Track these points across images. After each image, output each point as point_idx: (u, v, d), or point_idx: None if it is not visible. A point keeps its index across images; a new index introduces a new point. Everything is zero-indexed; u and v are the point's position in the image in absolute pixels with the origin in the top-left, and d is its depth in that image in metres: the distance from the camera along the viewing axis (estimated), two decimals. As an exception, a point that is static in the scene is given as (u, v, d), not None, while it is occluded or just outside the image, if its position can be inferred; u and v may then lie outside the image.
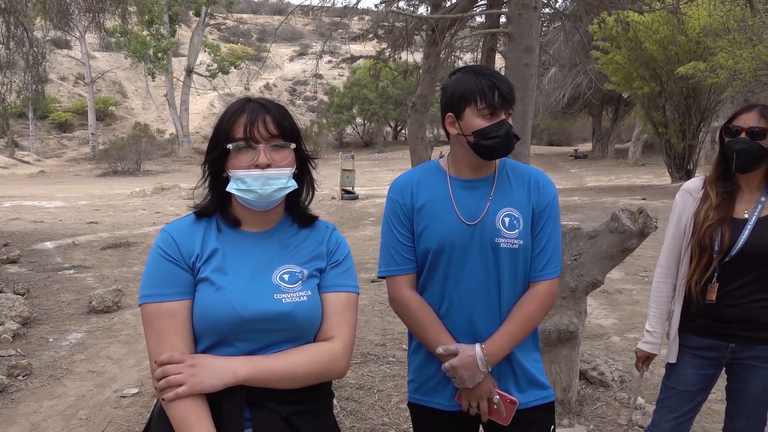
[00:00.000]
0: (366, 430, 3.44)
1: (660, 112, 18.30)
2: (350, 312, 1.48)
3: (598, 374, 4.02)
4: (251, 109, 1.41)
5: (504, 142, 1.67)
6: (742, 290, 2.13)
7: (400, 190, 1.81)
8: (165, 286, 1.38)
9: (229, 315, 1.35)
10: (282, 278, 1.42)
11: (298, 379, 1.37)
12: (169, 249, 1.41)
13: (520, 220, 1.73)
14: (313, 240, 1.52)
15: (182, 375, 1.30)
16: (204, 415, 1.31)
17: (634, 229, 3.14)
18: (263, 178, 1.38)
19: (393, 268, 1.80)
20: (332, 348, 1.41)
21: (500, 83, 1.67)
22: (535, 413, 1.78)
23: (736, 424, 2.26)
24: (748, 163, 2.11)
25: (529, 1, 3.23)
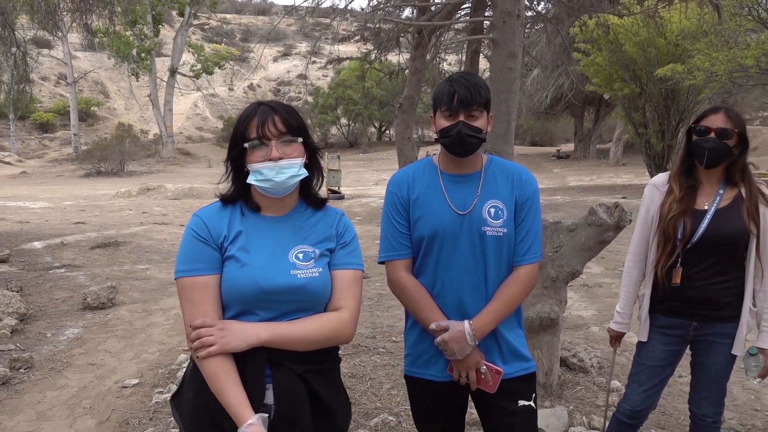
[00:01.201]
0: (360, 413, 3.63)
1: (640, 113, 18.68)
2: (356, 286, 1.70)
3: (578, 361, 4.24)
4: (262, 112, 1.63)
5: (455, 141, 1.88)
6: (702, 274, 2.35)
7: (398, 184, 2.03)
8: (198, 262, 1.60)
9: (252, 287, 1.57)
10: (297, 257, 1.64)
11: (312, 343, 1.59)
12: (201, 230, 1.63)
13: (505, 210, 1.94)
14: (324, 224, 1.73)
15: (213, 337, 1.52)
16: (232, 370, 1.52)
17: (610, 222, 3.37)
18: (277, 168, 1.60)
19: (392, 253, 2.01)
20: (341, 317, 1.64)
21: (460, 89, 1.86)
22: (518, 383, 1.99)
23: (699, 395, 2.49)
24: (717, 160, 2.33)
25: (513, 9, 3.43)
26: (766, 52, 13.79)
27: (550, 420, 3.39)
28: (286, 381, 1.57)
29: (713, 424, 2.48)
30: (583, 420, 3.48)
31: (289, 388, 1.57)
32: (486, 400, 2.02)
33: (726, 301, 2.37)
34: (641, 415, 2.56)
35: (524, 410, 1.99)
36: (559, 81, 26.02)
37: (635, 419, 2.57)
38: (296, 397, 1.57)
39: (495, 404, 2.00)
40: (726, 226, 2.31)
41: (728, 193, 2.38)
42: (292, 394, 1.57)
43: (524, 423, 1.99)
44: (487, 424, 2.07)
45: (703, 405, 2.47)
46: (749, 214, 2.31)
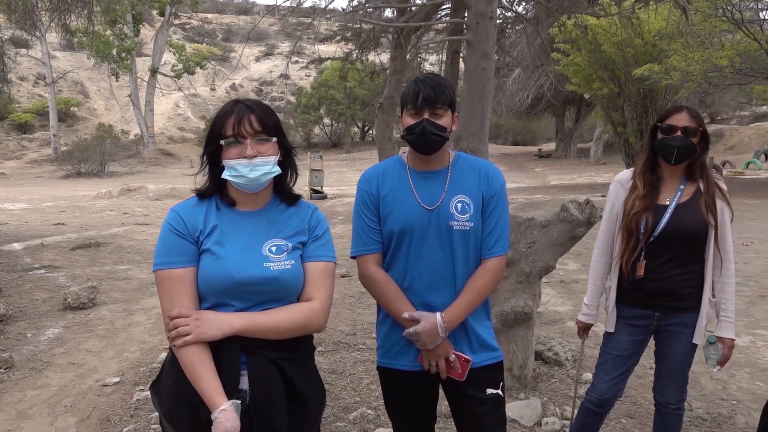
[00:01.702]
0: (339, 408, 3.70)
1: (619, 113, 18.93)
2: (327, 278, 1.78)
3: (553, 354, 4.35)
4: (239, 110, 1.69)
5: (420, 137, 1.95)
6: (664, 266, 2.45)
7: (368, 181, 2.10)
8: (175, 255, 1.68)
9: (226, 279, 1.65)
10: (270, 250, 1.71)
11: (283, 331, 1.67)
12: (178, 225, 1.70)
13: (471, 205, 2.02)
14: (297, 218, 1.80)
15: (189, 327, 1.59)
16: (207, 359, 1.60)
17: (581, 218, 3.48)
18: (251, 165, 1.67)
19: (362, 248, 2.08)
20: (312, 307, 1.72)
21: (425, 88, 1.94)
22: (486, 371, 2.07)
23: (663, 383, 2.59)
24: (683, 157, 2.43)
25: (486, 11, 3.51)
26: (740, 53, 14.08)
27: (523, 411, 3.48)
28: (260, 367, 1.65)
29: (676, 410, 2.59)
30: (556, 411, 3.58)
31: (263, 374, 1.65)
32: (455, 390, 2.09)
33: (686, 292, 2.47)
34: (607, 403, 2.65)
35: (492, 398, 2.06)
36: (540, 81, 26.26)
37: (602, 407, 2.66)
38: (270, 382, 1.65)
39: (464, 393, 2.07)
40: (686, 220, 2.41)
41: (688, 189, 2.48)
42: (266, 380, 1.64)
43: (492, 411, 2.06)
44: (456, 413, 2.14)
45: (667, 393, 2.58)
46: (707, 207, 2.42)
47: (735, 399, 3.84)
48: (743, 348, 4.71)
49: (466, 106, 3.60)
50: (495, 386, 2.08)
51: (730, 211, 2.48)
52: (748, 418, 3.55)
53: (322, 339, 5.01)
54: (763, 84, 14.96)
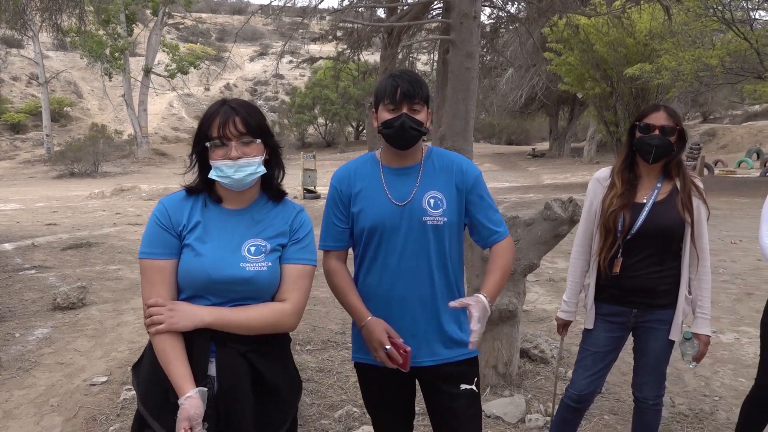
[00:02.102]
0: (325, 405, 3.72)
1: (611, 112, 19.04)
2: (303, 280, 1.82)
3: (539, 352, 4.38)
4: (224, 112, 1.73)
5: (398, 132, 1.96)
6: (641, 264, 2.48)
7: (339, 179, 2.12)
8: (158, 247, 1.74)
9: (203, 276, 1.71)
10: (249, 250, 1.76)
11: (252, 329, 1.73)
12: (163, 217, 1.76)
13: (444, 200, 2.04)
14: (281, 219, 1.84)
15: (163, 316, 1.67)
16: (178, 347, 1.68)
17: (565, 216, 3.51)
18: (236, 166, 1.72)
19: (329, 243, 2.13)
20: (283, 308, 1.77)
21: (403, 83, 1.95)
22: (460, 366, 2.09)
23: (641, 379, 2.62)
24: (662, 155, 2.46)
25: (469, 10, 3.53)
26: (731, 52, 14.16)
27: (507, 408, 3.51)
28: (228, 358, 1.71)
29: (654, 406, 2.62)
30: (540, 407, 3.61)
31: (230, 364, 1.71)
32: (430, 385, 2.11)
33: (663, 289, 2.50)
34: (586, 399, 2.68)
35: (466, 393, 2.08)
36: (533, 81, 26.35)
37: (581, 403, 2.69)
38: (236, 372, 1.71)
39: (438, 389, 2.09)
40: (662, 218, 2.44)
41: (665, 187, 2.51)
42: (232, 370, 1.71)
43: (466, 406, 2.08)
44: (431, 408, 2.16)
45: (644, 388, 2.61)
46: (683, 204, 2.45)
47: (717, 395, 3.88)
48: (727, 345, 4.76)
49: (450, 106, 3.63)
50: (469, 382, 2.09)
51: (706, 209, 2.51)
52: (730, 414, 3.59)
53: (311, 338, 5.03)
54: (753, 83, 15.04)
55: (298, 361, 4.44)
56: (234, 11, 70.06)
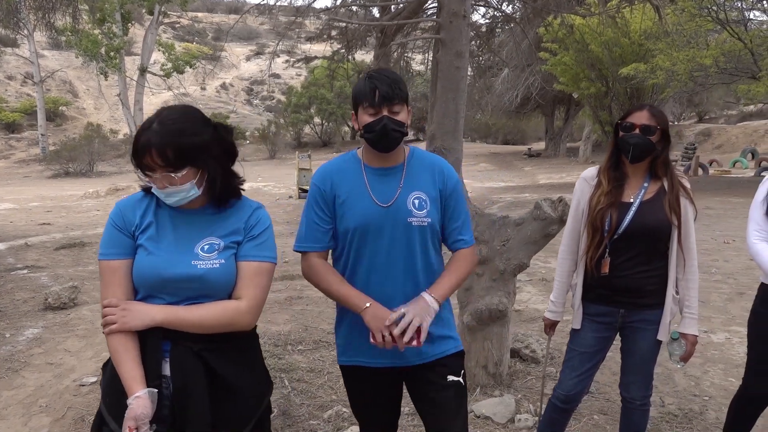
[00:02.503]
0: (315, 406, 3.71)
1: (606, 112, 19.07)
2: (259, 277, 1.80)
3: (530, 352, 4.37)
4: (144, 144, 1.65)
5: (380, 135, 1.94)
6: (628, 263, 2.48)
7: (322, 179, 2.09)
8: (113, 248, 1.76)
9: (154, 275, 1.73)
10: (202, 248, 1.76)
11: (206, 327, 1.73)
12: (117, 219, 1.78)
13: (427, 201, 2.04)
14: (236, 217, 1.83)
15: (116, 316, 1.69)
16: (131, 347, 1.70)
17: (554, 216, 3.50)
18: (164, 194, 1.72)
19: (308, 244, 2.08)
20: (238, 306, 1.76)
21: (381, 85, 1.92)
22: (447, 360, 2.10)
23: (628, 379, 2.62)
24: (641, 155, 2.46)
25: (459, 10, 3.52)
26: (725, 52, 14.19)
27: (497, 408, 3.51)
28: (181, 357, 1.72)
29: (642, 406, 2.61)
30: (529, 408, 3.61)
31: (183, 363, 1.72)
32: (417, 379, 2.11)
33: (650, 289, 2.49)
34: (574, 399, 2.68)
35: (453, 384, 2.08)
36: (528, 81, 26.34)
37: (568, 403, 2.69)
38: (189, 371, 1.71)
39: (426, 380, 2.09)
40: (649, 218, 2.44)
41: (652, 187, 2.51)
42: (185, 369, 1.71)
43: (453, 397, 2.08)
44: (419, 400, 2.15)
45: (632, 388, 2.60)
46: (671, 206, 2.44)
47: (707, 395, 3.88)
48: (718, 344, 4.76)
49: (440, 105, 3.62)
50: (456, 374, 2.10)
51: (693, 210, 2.51)
52: (719, 413, 3.59)
53: (302, 337, 5.03)
54: (747, 83, 15.07)
55: (289, 361, 4.44)
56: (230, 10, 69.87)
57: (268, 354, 4.54)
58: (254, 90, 53.33)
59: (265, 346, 4.77)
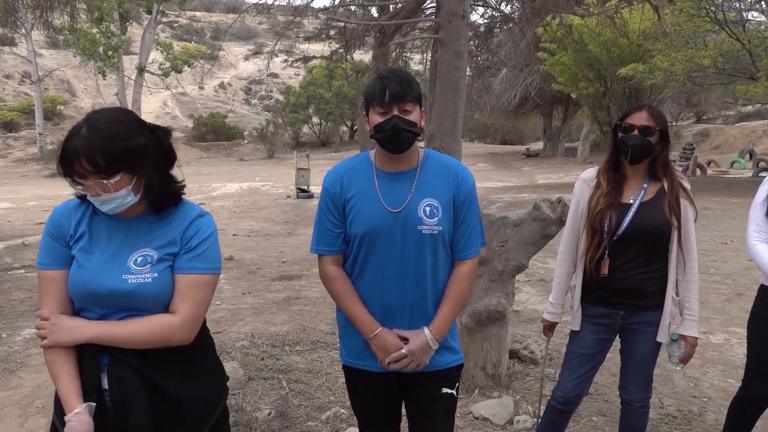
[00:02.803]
0: (313, 407, 3.69)
1: (604, 112, 19.08)
2: (195, 291, 1.71)
3: (529, 353, 4.36)
4: (71, 150, 1.56)
5: (391, 135, 1.89)
6: (628, 265, 2.46)
7: (332, 182, 2.04)
8: (48, 257, 1.70)
9: (84, 290, 1.67)
10: (135, 261, 1.68)
11: (138, 343, 1.66)
12: (52, 227, 1.72)
13: (440, 209, 1.97)
14: (173, 227, 1.73)
15: (45, 331, 1.65)
16: (67, 361, 1.65)
17: (553, 216, 3.49)
18: (99, 202, 1.63)
19: (321, 248, 2.07)
20: (171, 321, 1.68)
21: (391, 84, 1.88)
22: (448, 371, 2.08)
23: (628, 381, 2.61)
24: (640, 156, 2.45)
25: (458, 10, 3.52)
26: (723, 53, 14.20)
27: (496, 410, 3.50)
28: (118, 371, 1.67)
29: (641, 408, 2.60)
30: (528, 409, 3.60)
31: (120, 377, 1.66)
32: (414, 387, 2.10)
33: (650, 290, 2.48)
34: (573, 401, 2.67)
35: (446, 396, 2.07)
36: (527, 81, 26.34)
37: (567, 405, 2.68)
38: (127, 386, 1.66)
39: (421, 388, 2.08)
40: (649, 219, 2.43)
41: (652, 188, 2.49)
42: (122, 383, 1.66)
43: (443, 409, 2.09)
44: (410, 409, 2.16)
45: (631, 390, 2.59)
46: (671, 207, 2.43)
47: (706, 396, 3.88)
48: (717, 345, 4.75)
49: (439, 105, 3.61)
50: (451, 386, 2.09)
51: (693, 211, 2.49)
52: (718, 415, 3.58)
53: (300, 338, 5.01)
54: (745, 84, 15.08)
55: (286, 361, 4.42)
56: (228, 10, 69.79)
57: (266, 354, 4.53)
58: (252, 89, 53.29)
59: (263, 346, 4.76)
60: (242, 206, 16.25)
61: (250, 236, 11.65)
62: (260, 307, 6.17)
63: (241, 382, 3.95)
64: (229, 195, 18.52)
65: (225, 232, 12.00)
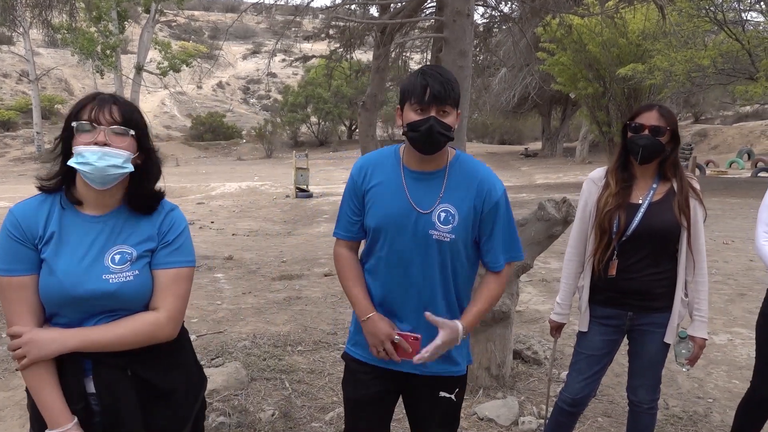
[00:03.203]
0: (316, 408, 3.67)
1: (603, 112, 19.07)
2: (177, 285, 1.68)
3: (532, 353, 4.34)
4: (101, 98, 1.60)
5: (424, 136, 1.80)
6: (637, 265, 2.44)
7: (359, 170, 2.02)
8: (13, 263, 1.57)
9: (61, 295, 1.57)
10: (113, 259, 1.61)
11: (125, 345, 1.60)
12: (15, 230, 1.58)
13: (456, 216, 1.90)
14: (147, 223, 1.69)
15: (22, 349, 1.53)
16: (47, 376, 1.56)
17: (558, 216, 3.47)
18: (100, 153, 1.55)
19: (340, 232, 2.08)
20: (157, 318, 1.63)
21: (434, 83, 1.78)
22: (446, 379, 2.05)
23: (636, 382, 2.59)
24: (650, 156, 2.42)
25: (463, 8, 3.49)
26: (723, 53, 14.20)
27: (500, 411, 3.48)
28: (105, 374, 1.60)
29: (649, 410, 2.58)
30: (533, 410, 3.58)
31: (108, 380, 1.60)
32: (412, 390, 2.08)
33: (659, 291, 2.46)
34: (581, 402, 2.65)
35: (445, 401, 2.04)
36: (526, 80, 26.35)
37: (575, 407, 2.66)
38: (116, 388, 1.61)
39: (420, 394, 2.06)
40: (658, 219, 2.41)
41: (661, 188, 2.47)
42: (111, 386, 1.60)
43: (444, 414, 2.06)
44: (410, 412, 2.14)
45: (639, 392, 2.57)
46: (680, 207, 2.41)
47: (711, 397, 3.86)
48: (720, 346, 4.74)
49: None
50: (450, 391, 2.06)
51: (703, 211, 2.47)
52: (724, 416, 3.56)
53: (302, 338, 4.98)
54: (744, 84, 15.08)
55: (288, 362, 4.40)
56: (227, 9, 69.73)
57: (268, 355, 4.51)
58: (251, 89, 53.23)
59: (265, 346, 4.73)
60: (241, 206, 16.22)
61: (250, 236, 11.62)
62: (261, 307, 6.14)
63: (243, 383, 3.92)
64: (228, 194, 18.49)
65: (224, 231, 11.97)
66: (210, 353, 4.54)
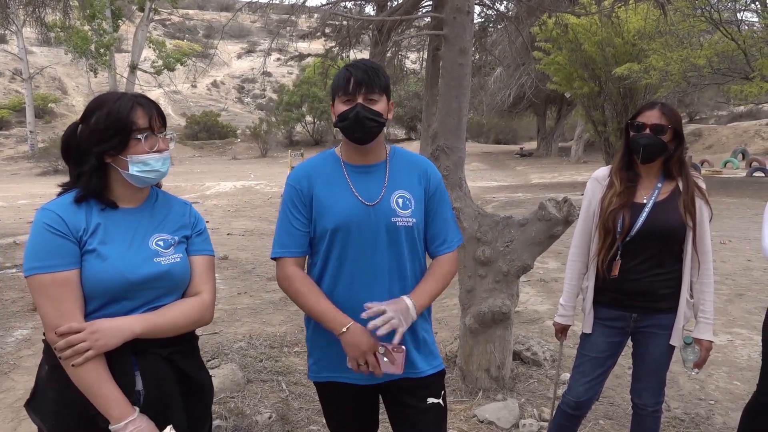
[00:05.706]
0: (314, 410, 3.61)
1: (599, 111, 19.03)
2: (212, 271, 1.81)
3: (532, 354, 4.30)
4: (146, 104, 1.67)
5: (354, 123, 1.83)
6: (641, 266, 2.40)
7: (297, 178, 1.95)
8: (57, 258, 1.55)
9: (119, 280, 1.59)
10: (158, 244, 1.69)
11: (179, 328, 1.68)
12: (56, 224, 1.57)
13: (412, 200, 1.94)
14: (176, 213, 1.80)
15: (87, 342, 1.51)
16: (104, 371, 1.55)
17: (559, 216, 3.43)
18: (162, 159, 1.68)
19: (284, 250, 1.94)
20: (203, 301, 1.73)
21: (357, 72, 1.83)
22: (429, 379, 1.99)
23: (640, 385, 2.55)
24: (652, 155, 2.39)
25: (463, 5, 3.45)
26: (718, 53, 14.20)
27: (501, 413, 3.43)
28: (152, 366, 1.64)
29: (654, 413, 2.54)
30: (533, 412, 3.53)
31: (155, 372, 1.64)
32: (396, 400, 2.01)
33: (664, 293, 2.42)
34: (584, 405, 2.60)
35: (433, 407, 1.99)
36: (521, 80, 26.31)
37: (578, 410, 2.61)
38: (164, 379, 1.65)
39: (402, 402, 1.99)
40: (663, 219, 2.37)
41: (666, 187, 2.44)
42: (159, 378, 1.64)
43: (433, 421, 1.99)
44: (395, 423, 2.06)
45: (644, 395, 2.53)
46: (685, 207, 2.37)
47: (713, 399, 3.83)
48: (721, 347, 4.71)
49: (443, 103, 3.54)
50: (437, 395, 2.00)
51: (709, 210, 2.44)
52: (726, 418, 3.53)
53: (299, 339, 4.93)
54: (740, 84, 15.08)
55: (285, 363, 4.35)
56: (221, 8, 69.46)
57: (265, 356, 4.45)
58: (245, 88, 53.05)
59: (261, 348, 4.68)
60: (236, 205, 16.15)
61: (245, 235, 11.56)
62: (257, 307, 6.09)
63: (240, 385, 3.86)
64: (223, 194, 18.41)
65: (219, 231, 11.90)
66: (205, 354, 4.48)
